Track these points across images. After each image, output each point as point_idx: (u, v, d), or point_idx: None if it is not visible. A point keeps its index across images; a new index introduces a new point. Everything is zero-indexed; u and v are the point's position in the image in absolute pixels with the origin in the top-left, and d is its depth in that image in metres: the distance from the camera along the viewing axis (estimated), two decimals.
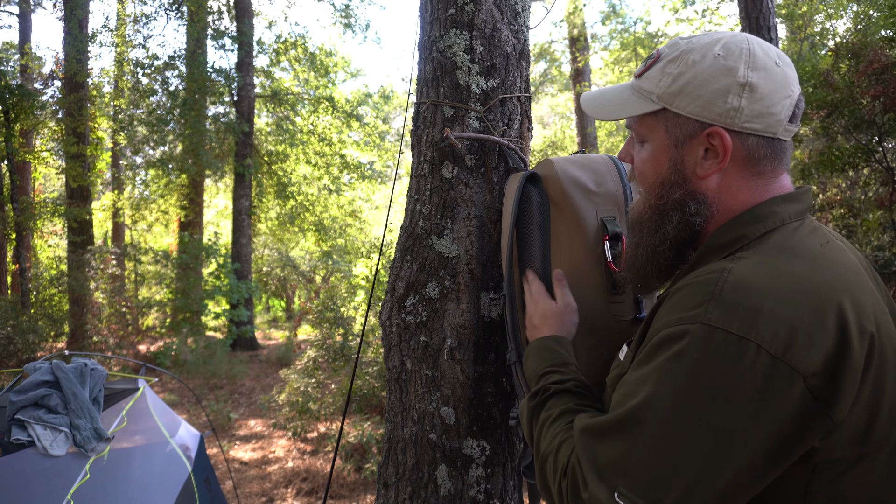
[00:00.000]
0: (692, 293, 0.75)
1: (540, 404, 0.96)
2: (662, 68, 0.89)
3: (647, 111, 0.89)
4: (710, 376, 0.68)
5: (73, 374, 2.67)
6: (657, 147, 0.90)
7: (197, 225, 12.76)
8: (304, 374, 5.78)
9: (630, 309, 1.16)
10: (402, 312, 1.37)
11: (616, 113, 0.94)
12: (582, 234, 1.17)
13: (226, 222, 18.08)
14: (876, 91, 4.10)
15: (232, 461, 5.34)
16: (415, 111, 1.46)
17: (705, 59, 0.84)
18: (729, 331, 0.68)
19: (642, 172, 0.93)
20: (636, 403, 0.73)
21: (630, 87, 0.94)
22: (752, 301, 0.69)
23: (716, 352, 0.68)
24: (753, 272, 0.73)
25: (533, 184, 1.23)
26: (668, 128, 0.88)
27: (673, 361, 0.71)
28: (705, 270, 0.77)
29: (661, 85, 0.88)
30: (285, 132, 12.78)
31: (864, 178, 5.52)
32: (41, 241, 13.02)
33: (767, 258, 0.76)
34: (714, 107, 0.83)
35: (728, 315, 0.69)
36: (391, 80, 31.18)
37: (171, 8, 11.05)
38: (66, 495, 2.33)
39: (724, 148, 0.83)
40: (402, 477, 1.35)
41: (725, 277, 0.73)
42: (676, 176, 0.88)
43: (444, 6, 1.38)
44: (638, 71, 0.94)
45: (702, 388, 0.68)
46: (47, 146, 12.09)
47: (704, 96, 0.84)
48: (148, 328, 11.46)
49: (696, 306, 0.72)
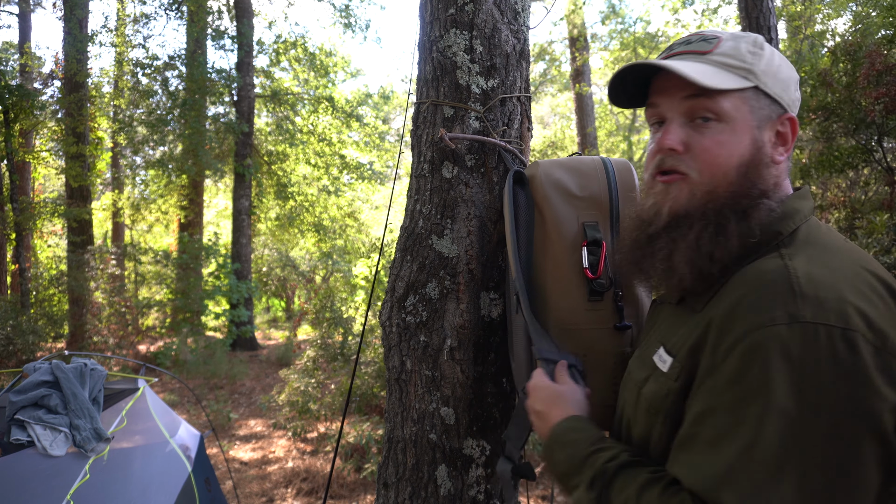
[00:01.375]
0: (764, 294, 0.70)
1: (604, 492, 0.79)
2: (748, 48, 0.84)
3: (742, 86, 0.82)
4: (829, 373, 0.65)
5: (72, 374, 2.67)
6: (739, 126, 0.82)
7: (197, 225, 12.76)
8: (303, 374, 5.78)
9: (610, 316, 1.12)
10: (402, 312, 1.37)
11: (719, 81, 0.82)
12: (561, 239, 1.14)
13: (226, 222, 18.08)
14: (878, 93, 4.10)
15: (232, 461, 5.34)
16: (415, 111, 1.46)
17: (768, 47, 0.84)
18: (830, 324, 0.66)
19: (716, 155, 0.82)
20: (773, 433, 0.65)
21: (706, 59, 0.85)
22: (833, 294, 0.68)
23: (826, 347, 0.65)
24: (814, 266, 0.72)
25: (521, 186, 1.23)
26: (752, 107, 0.83)
27: (782, 370, 0.65)
28: (758, 269, 0.75)
29: (751, 62, 0.83)
30: (285, 132, 12.79)
31: (864, 178, 5.52)
32: (41, 241, 13.01)
33: (815, 253, 0.76)
34: (788, 93, 0.83)
35: (821, 309, 0.67)
36: (391, 80, 31.16)
37: (171, 8, 11.05)
38: (66, 495, 2.33)
39: (793, 135, 0.82)
40: (402, 477, 1.35)
41: (795, 274, 0.71)
42: (759, 159, 0.82)
43: (444, 6, 1.38)
44: (700, 48, 0.86)
45: (824, 389, 0.64)
46: (47, 146, 12.09)
47: (784, 81, 0.83)
48: (148, 328, 11.45)
49: (777, 306, 0.68)
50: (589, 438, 0.88)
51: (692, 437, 0.72)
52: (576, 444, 0.88)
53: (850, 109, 4.54)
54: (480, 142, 1.35)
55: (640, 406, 0.84)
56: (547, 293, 1.15)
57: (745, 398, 0.67)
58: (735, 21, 12.00)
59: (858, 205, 4.89)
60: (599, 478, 0.81)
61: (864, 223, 3.61)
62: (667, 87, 0.87)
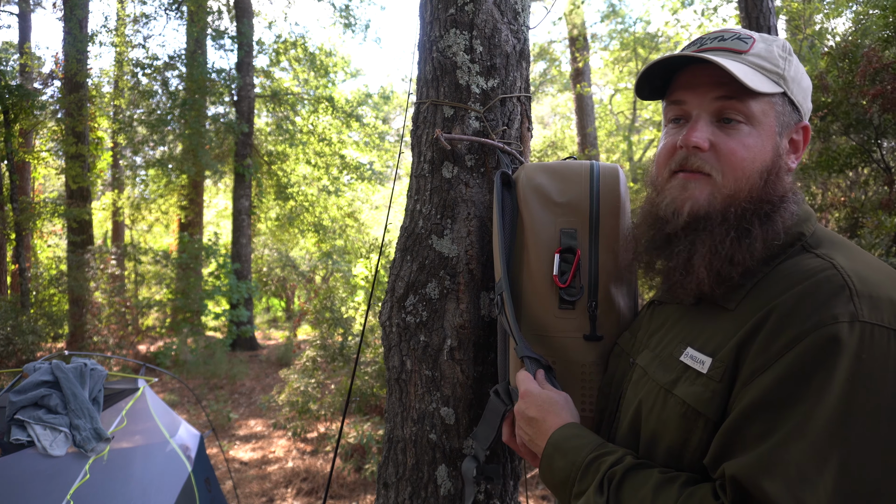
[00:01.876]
0: (823, 292, 0.70)
1: (615, 495, 0.77)
2: (779, 53, 0.83)
3: (776, 91, 0.81)
4: (884, 374, 0.65)
5: (72, 374, 2.67)
6: (766, 131, 0.82)
7: (197, 225, 12.76)
8: (303, 374, 5.78)
9: (580, 326, 1.09)
10: (402, 312, 1.37)
11: (757, 83, 0.80)
12: (536, 244, 1.13)
13: (226, 222, 18.08)
14: (875, 91, 4.10)
15: (232, 461, 5.34)
16: (415, 111, 1.46)
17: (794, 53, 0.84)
18: (885, 326, 0.67)
19: (742, 158, 0.81)
20: (822, 427, 0.64)
21: (743, 59, 0.83)
22: (884, 293, 0.69)
23: (883, 348, 0.66)
24: (858, 266, 0.73)
25: (509, 188, 1.22)
26: (778, 113, 0.82)
27: (848, 368, 0.65)
28: (805, 268, 0.74)
29: (783, 67, 0.82)
30: (285, 132, 12.79)
31: (864, 178, 5.52)
32: (41, 242, 13.01)
33: (846, 252, 0.76)
34: (807, 102, 0.84)
35: (877, 309, 0.67)
36: (391, 80, 31.18)
37: (171, 8, 11.05)
38: (66, 495, 2.33)
39: (805, 143, 0.83)
40: (402, 477, 1.35)
41: (845, 272, 0.71)
42: (777, 165, 0.82)
43: (444, 6, 1.38)
44: (735, 46, 0.84)
45: (880, 388, 0.65)
46: (47, 146, 12.09)
47: (805, 89, 0.84)
48: (148, 328, 11.46)
49: (837, 304, 0.68)
50: (590, 445, 0.86)
51: (739, 428, 0.70)
52: (577, 451, 0.85)
53: (848, 109, 4.55)
54: (477, 143, 1.36)
55: (670, 410, 0.80)
56: (522, 297, 1.14)
57: (802, 393, 0.66)
58: (735, 21, 12.00)
59: (859, 205, 4.89)
60: (608, 481, 0.79)
61: (874, 223, 3.60)
62: (696, 84, 0.85)
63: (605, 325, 1.09)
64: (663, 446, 0.81)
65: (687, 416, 0.77)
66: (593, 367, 1.08)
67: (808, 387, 0.66)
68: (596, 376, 1.08)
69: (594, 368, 1.08)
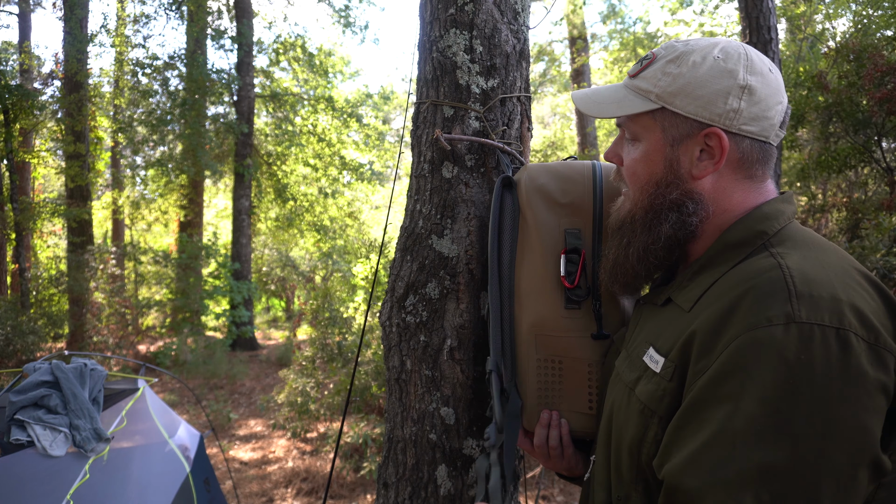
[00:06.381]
0: (760, 294, 0.71)
1: None
2: (662, 68, 0.88)
3: (644, 110, 0.88)
4: (823, 374, 0.65)
5: (72, 374, 2.67)
6: (652, 146, 0.89)
7: (197, 225, 12.75)
8: (302, 374, 5.78)
9: (588, 325, 1.11)
10: (402, 312, 1.37)
11: (613, 110, 0.92)
12: (541, 245, 1.14)
13: (225, 222, 18.08)
14: (882, 94, 4.10)
15: (232, 461, 5.34)
16: (415, 111, 1.46)
17: (706, 60, 0.85)
18: (824, 325, 0.66)
19: (634, 172, 0.91)
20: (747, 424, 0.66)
21: (625, 85, 0.93)
22: (827, 292, 0.69)
23: (820, 347, 0.66)
24: (807, 265, 0.73)
25: (510, 190, 1.22)
26: (664, 127, 0.87)
27: (776, 370, 0.66)
28: (752, 268, 0.75)
29: (660, 84, 0.87)
30: (285, 132, 12.79)
31: (864, 178, 5.52)
32: (41, 241, 13.01)
33: (806, 252, 0.76)
34: (714, 107, 0.84)
35: (816, 309, 0.67)
36: (391, 80, 31.18)
37: (171, 8, 11.05)
38: (66, 495, 2.33)
39: (721, 148, 0.84)
40: (402, 477, 1.35)
41: (789, 273, 0.71)
42: (671, 176, 0.87)
43: (444, 6, 1.38)
44: (633, 71, 0.93)
45: (817, 389, 0.65)
46: (47, 146, 12.09)
47: (705, 97, 0.84)
48: (148, 328, 11.46)
49: (773, 306, 0.69)
50: None
51: (677, 429, 0.73)
52: None
53: (849, 109, 4.55)
54: (477, 143, 1.35)
55: (632, 407, 0.84)
56: (526, 297, 1.15)
57: (733, 394, 0.67)
58: (736, 20, 12.00)
59: (859, 205, 4.89)
60: None
61: (874, 223, 3.60)
62: None
63: (612, 324, 1.12)
64: (626, 443, 0.84)
65: (644, 412, 0.81)
66: (600, 366, 1.10)
67: (734, 388, 0.67)
68: (603, 375, 1.10)
69: (601, 367, 1.10)
